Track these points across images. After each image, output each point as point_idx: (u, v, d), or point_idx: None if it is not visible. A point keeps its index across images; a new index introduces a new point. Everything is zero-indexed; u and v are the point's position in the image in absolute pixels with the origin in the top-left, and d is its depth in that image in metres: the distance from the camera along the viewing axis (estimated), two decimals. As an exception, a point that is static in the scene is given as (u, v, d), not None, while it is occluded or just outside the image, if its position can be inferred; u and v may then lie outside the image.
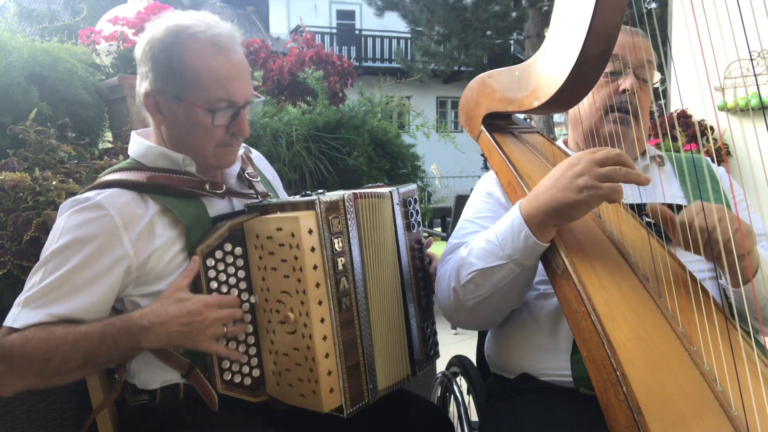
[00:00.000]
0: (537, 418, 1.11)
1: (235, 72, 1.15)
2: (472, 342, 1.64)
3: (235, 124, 1.17)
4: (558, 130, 8.95)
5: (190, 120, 1.15)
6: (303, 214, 1.07)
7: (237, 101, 1.16)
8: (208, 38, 1.13)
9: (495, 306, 1.18)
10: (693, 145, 4.41)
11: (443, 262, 1.28)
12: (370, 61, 17.19)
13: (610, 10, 0.97)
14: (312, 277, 1.07)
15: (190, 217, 1.14)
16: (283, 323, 1.10)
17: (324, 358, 1.07)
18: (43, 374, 1.02)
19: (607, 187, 0.98)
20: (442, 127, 3.74)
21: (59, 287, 1.05)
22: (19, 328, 1.02)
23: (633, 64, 1.29)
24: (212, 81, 1.12)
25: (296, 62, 2.54)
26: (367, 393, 1.13)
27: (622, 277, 1.04)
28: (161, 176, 1.16)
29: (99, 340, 1.02)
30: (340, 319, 1.10)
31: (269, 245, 1.10)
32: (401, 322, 1.27)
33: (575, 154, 1.06)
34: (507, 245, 1.09)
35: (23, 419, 1.35)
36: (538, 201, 1.05)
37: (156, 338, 1.04)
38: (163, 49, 1.12)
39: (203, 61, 1.12)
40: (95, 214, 1.07)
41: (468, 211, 1.37)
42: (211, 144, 1.17)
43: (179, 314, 1.04)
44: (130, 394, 1.18)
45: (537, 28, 10.17)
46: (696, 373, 0.89)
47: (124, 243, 1.08)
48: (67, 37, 2.39)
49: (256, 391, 1.15)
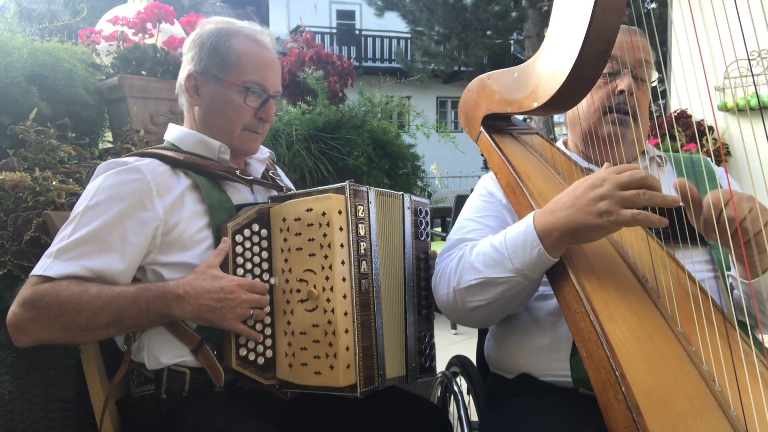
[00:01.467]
0: (537, 419, 1.12)
1: (270, 64, 1.31)
2: (472, 342, 1.65)
3: (263, 109, 1.30)
4: (558, 130, 8.95)
5: (224, 99, 1.27)
6: (335, 195, 1.15)
7: (268, 88, 1.30)
8: (251, 33, 1.31)
9: (495, 311, 1.18)
10: (692, 145, 4.42)
11: (444, 256, 1.27)
12: (370, 61, 17.19)
13: (609, 10, 0.97)
14: (339, 254, 1.13)
15: (214, 200, 1.21)
16: (303, 302, 1.15)
17: (344, 333, 1.11)
18: (69, 327, 1.05)
19: (629, 215, 0.93)
20: (442, 127, 3.74)
21: (92, 241, 1.09)
22: (53, 277, 1.06)
23: (630, 64, 1.29)
24: (250, 65, 1.27)
25: (296, 62, 2.54)
26: (377, 377, 1.16)
27: (621, 277, 1.04)
28: (196, 158, 1.26)
29: (132, 301, 1.07)
30: (360, 299, 1.15)
31: (296, 226, 1.17)
32: (401, 322, 1.28)
33: (598, 173, 1.00)
34: (517, 258, 1.06)
35: (23, 419, 1.35)
36: (555, 218, 1.02)
37: (189, 308, 1.09)
38: (211, 36, 1.28)
39: (245, 49, 1.27)
40: (132, 176, 1.15)
41: (469, 210, 1.36)
42: (239, 124, 1.29)
43: (213, 290, 1.09)
44: (135, 384, 1.19)
45: (537, 28, 10.17)
46: (695, 373, 0.89)
47: (155, 206, 1.14)
48: (67, 37, 2.39)
49: (266, 373, 1.16)
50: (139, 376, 1.18)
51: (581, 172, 1.29)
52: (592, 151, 1.35)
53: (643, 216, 0.93)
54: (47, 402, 1.40)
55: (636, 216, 0.93)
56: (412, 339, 1.30)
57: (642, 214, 0.93)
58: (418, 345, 1.31)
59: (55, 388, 1.39)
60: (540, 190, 1.19)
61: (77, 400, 1.42)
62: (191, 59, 1.29)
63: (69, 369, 1.35)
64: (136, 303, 1.07)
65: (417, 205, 1.37)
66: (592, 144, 1.34)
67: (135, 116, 1.97)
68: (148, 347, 1.16)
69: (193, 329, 1.15)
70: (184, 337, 1.15)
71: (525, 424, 1.13)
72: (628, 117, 1.29)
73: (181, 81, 1.32)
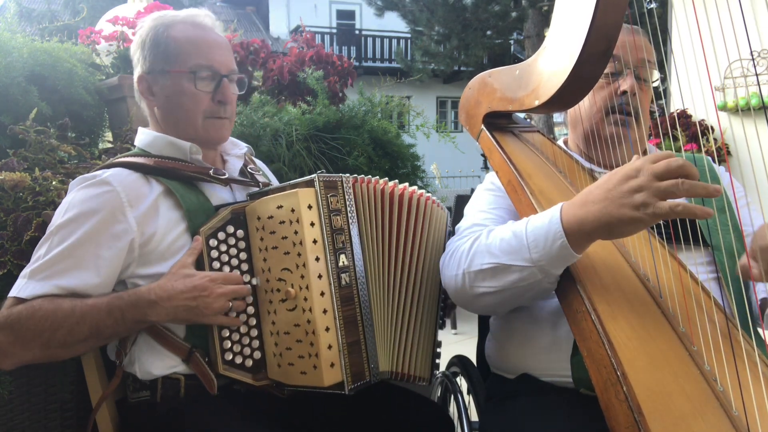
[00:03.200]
0: (537, 419, 1.11)
1: (214, 43, 1.26)
2: (472, 342, 1.64)
3: (219, 91, 1.25)
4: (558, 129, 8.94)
5: (176, 89, 1.24)
6: (302, 190, 1.12)
7: (218, 69, 1.25)
8: (188, 18, 1.26)
9: (502, 301, 1.14)
10: (693, 144, 4.41)
11: (458, 235, 1.24)
12: (370, 61, 17.18)
13: (611, 8, 0.96)
14: (312, 250, 1.10)
15: (191, 203, 1.18)
16: (284, 301, 1.12)
17: (324, 331, 1.09)
18: (48, 345, 1.04)
19: (668, 207, 0.86)
20: (442, 127, 3.74)
21: (65, 259, 1.07)
22: (25, 299, 1.05)
23: (633, 64, 1.28)
24: (193, 50, 1.23)
25: (296, 62, 2.53)
26: (368, 371, 1.14)
27: (622, 276, 1.03)
28: (167, 162, 1.22)
29: (106, 313, 1.05)
30: (340, 294, 1.12)
31: (270, 225, 1.14)
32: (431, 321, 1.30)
33: (632, 164, 0.93)
34: (537, 248, 1.01)
35: (23, 419, 1.35)
36: (585, 211, 0.95)
37: (163, 312, 1.07)
38: (149, 33, 1.25)
39: (184, 34, 1.24)
40: (101, 189, 1.12)
41: (479, 202, 1.33)
42: (198, 112, 1.25)
43: (185, 289, 1.08)
44: (131, 390, 1.18)
45: (537, 28, 10.16)
46: (696, 372, 0.89)
47: (128, 218, 1.12)
48: (67, 37, 2.39)
49: (257, 374, 1.15)
50: (134, 382, 1.17)
51: (582, 170, 1.29)
52: (593, 151, 1.34)
53: (683, 207, 0.86)
54: (47, 402, 1.39)
55: (675, 208, 0.86)
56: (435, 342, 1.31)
57: (682, 206, 0.86)
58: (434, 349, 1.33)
59: (55, 388, 1.39)
60: (541, 188, 1.18)
61: (77, 401, 1.41)
62: (137, 62, 1.27)
63: (69, 369, 1.34)
64: (111, 314, 1.06)
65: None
66: (594, 144, 1.33)
67: (135, 116, 1.97)
68: (138, 360, 1.15)
69: (181, 338, 1.14)
70: (174, 347, 1.14)
71: (525, 424, 1.12)
72: (631, 118, 1.29)
73: (135, 87, 1.29)
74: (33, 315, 1.02)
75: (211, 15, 1.30)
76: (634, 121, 1.29)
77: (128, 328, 1.09)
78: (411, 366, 1.24)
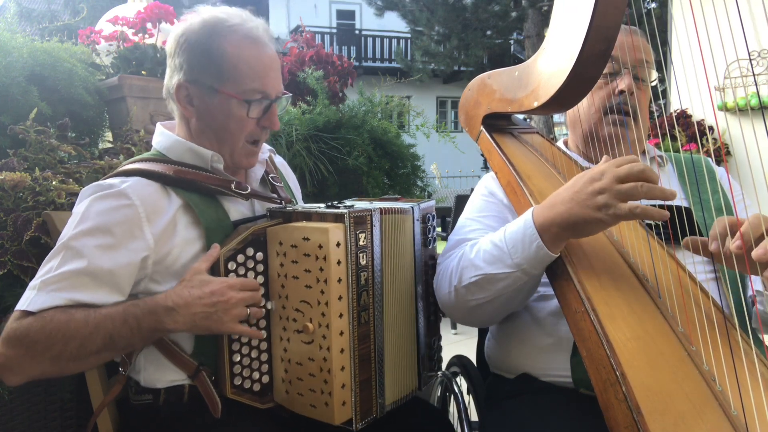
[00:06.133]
0: (537, 419, 1.11)
1: (270, 64, 1.17)
2: (472, 342, 1.64)
3: (266, 117, 1.19)
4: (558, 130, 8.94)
5: (224, 111, 1.15)
6: (332, 226, 1.06)
7: (270, 94, 1.18)
8: (245, 31, 1.15)
9: (496, 309, 1.18)
10: (692, 145, 4.41)
11: (445, 257, 1.27)
12: (370, 61, 17.18)
13: (610, 9, 0.97)
14: (336, 290, 1.06)
15: (210, 219, 1.13)
16: (300, 332, 1.09)
17: (340, 371, 1.06)
18: (59, 359, 0.98)
19: (628, 208, 0.93)
20: (442, 127, 3.75)
21: (79, 276, 1.02)
22: (34, 312, 0.99)
23: (631, 64, 1.29)
24: (249, 72, 1.14)
25: (296, 62, 2.54)
26: (376, 408, 1.13)
27: (621, 277, 1.04)
28: (187, 171, 1.15)
29: (121, 321, 1.00)
30: (358, 332, 1.09)
31: (293, 254, 1.09)
32: (412, 335, 1.27)
33: (597, 168, 1.00)
34: (517, 254, 1.06)
35: (23, 419, 1.35)
36: (553, 213, 1.01)
37: (181, 319, 1.02)
38: (200, 40, 1.13)
39: (240, 52, 1.13)
40: (119, 202, 1.06)
41: (470, 209, 1.36)
42: (241, 137, 1.18)
43: (203, 295, 1.03)
44: (134, 393, 1.16)
45: (537, 28, 10.17)
46: (695, 372, 0.89)
47: (145, 235, 1.07)
48: (67, 37, 2.40)
49: (263, 398, 1.14)
50: (137, 386, 1.15)
51: (581, 171, 1.29)
52: (592, 152, 1.35)
53: (641, 209, 0.92)
54: (47, 402, 1.39)
55: (634, 209, 0.93)
56: (424, 348, 1.29)
57: (640, 208, 0.92)
58: (429, 351, 1.31)
59: (55, 388, 1.39)
60: (540, 189, 1.19)
61: (77, 400, 1.42)
62: (179, 67, 1.16)
63: (69, 369, 1.34)
64: (126, 322, 1.00)
65: (425, 212, 1.31)
66: (592, 144, 1.33)
67: (135, 116, 1.97)
68: (144, 371, 1.13)
69: (189, 354, 1.11)
70: (181, 363, 1.10)
71: (525, 424, 1.12)
72: (629, 117, 1.29)
73: (170, 88, 1.19)
74: (44, 327, 0.97)
75: (267, 27, 1.20)
76: (632, 121, 1.29)
77: (144, 338, 1.04)
78: (405, 387, 1.23)
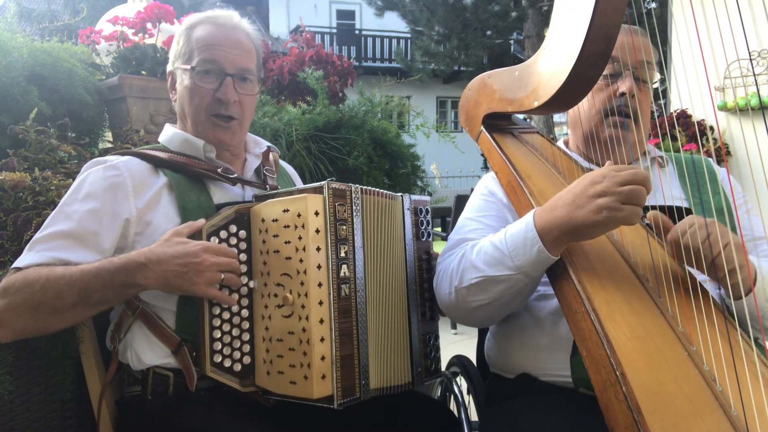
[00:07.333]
0: (537, 418, 1.11)
1: (224, 40, 1.27)
2: (472, 342, 1.64)
3: (220, 89, 1.25)
4: (558, 130, 8.94)
5: (182, 84, 1.29)
6: (311, 195, 1.10)
7: (222, 66, 1.26)
8: (213, 17, 1.30)
9: (496, 310, 1.18)
10: (693, 145, 4.41)
11: (445, 256, 1.27)
12: (370, 61, 17.18)
13: (610, 9, 0.97)
14: (314, 258, 1.08)
15: (190, 202, 1.20)
16: (280, 307, 1.10)
17: (319, 341, 1.06)
18: (38, 310, 1.05)
19: (628, 210, 0.95)
20: (442, 127, 3.75)
21: (65, 236, 1.11)
22: (21, 267, 1.08)
23: (631, 65, 1.28)
24: (201, 46, 1.26)
25: (296, 62, 2.54)
26: (359, 388, 1.12)
27: (622, 277, 1.04)
28: (180, 157, 1.26)
29: (94, 275, 1.05)
30: (339, 305, 1.10)
31: (274, 228, 1.12)
32: (403, 326, 1.27)
33: (599, 171, 1.01)
34: (518, 256, 1.06)
35: (23, 419, 1.35)
36: (554, 216, 1.02)
37: (152, 275, 1.06)
38: (181, 32, 1.31)
39: (202, 32, 1.28)
40: (109, 173, 1.18)
41: (470, 209, 1.36)
42: (201, 110, 1.27)
43: (177, 254, 1.06)
44: (126, 384, 1.21)
45: (537, 28, 10.17)
46: (696, 373, 0.89)
47: (129, 201, 1.16)
48: (67, 37, 2.39)
49: (244, 380, 1.13)
50: (129, 377, 1.20)
51: (582, 171, 1.29)
52: (593, 153, 1.34)
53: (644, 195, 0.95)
54: (47, 402, 1.39)
55: (636, 211, 0.94)
56: (417, 342, 1.28)
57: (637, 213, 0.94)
58: (423, 348, 1.30)
59: (55, 388, 1.39)
60: (541, 189, 1.19)
61: (77, 400, 1.42)
62: (170, 59, 1.34)
63: (69, 369, 1.34)
64: (99, 276, 1.05)
65: (417, 205, 1.34)
66: (593, 145, 1.33)
67: (135, 116, 1.97)
68: (131, 347, 1.17)
69: (172, 329, 1.15)
70: (165, 337, 1.14)
71: (525, 424, 1.12)
72: (630, 119, 1.29)
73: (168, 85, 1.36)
74: (26, 278, 1.05)
75: (237, 15, 1.33)
76: (633, 123, 1.29)
77: (116, 293, 1.07)
78: (395, 377, 1.23)
